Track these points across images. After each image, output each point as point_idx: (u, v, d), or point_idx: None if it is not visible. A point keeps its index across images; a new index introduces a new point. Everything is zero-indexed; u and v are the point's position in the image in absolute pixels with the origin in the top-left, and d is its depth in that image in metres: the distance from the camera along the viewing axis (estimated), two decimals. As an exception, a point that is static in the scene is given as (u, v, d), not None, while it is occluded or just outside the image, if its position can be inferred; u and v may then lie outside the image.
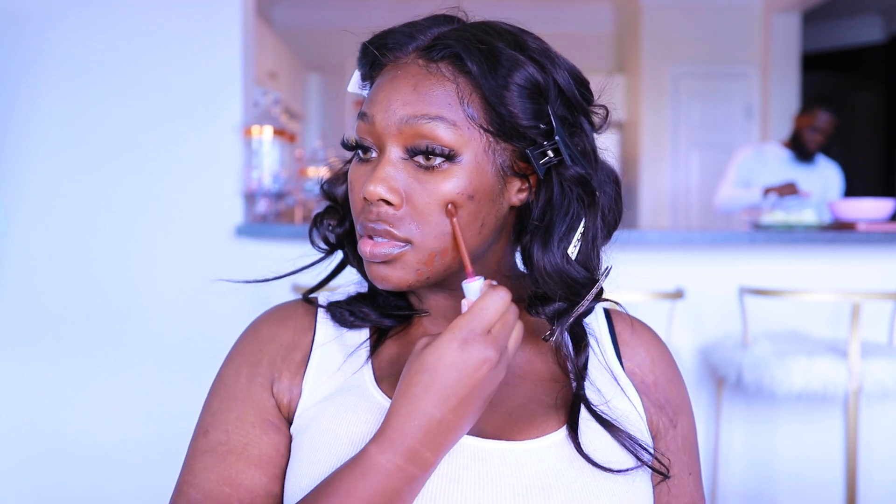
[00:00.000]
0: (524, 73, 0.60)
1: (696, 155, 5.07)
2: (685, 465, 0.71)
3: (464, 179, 0.60)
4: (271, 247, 2.22)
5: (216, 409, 0.66)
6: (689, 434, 0.71)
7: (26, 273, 2.23)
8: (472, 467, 0.59)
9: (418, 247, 0.61)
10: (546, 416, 0.64)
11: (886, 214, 2.37)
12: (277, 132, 2.26)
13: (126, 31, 2.23)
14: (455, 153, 0.60)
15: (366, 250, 0.62)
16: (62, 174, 2.23)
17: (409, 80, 0.61)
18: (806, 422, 2.34)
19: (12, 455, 2.24)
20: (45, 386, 2.23)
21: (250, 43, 2.31)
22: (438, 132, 0.59)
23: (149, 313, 2.24)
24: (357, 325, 0.69)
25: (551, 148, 0.62)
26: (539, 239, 0.63)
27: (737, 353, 2.00)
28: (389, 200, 0.60)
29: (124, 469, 2.23)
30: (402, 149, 0.61)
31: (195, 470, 0.63)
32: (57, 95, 2.22)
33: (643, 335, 0.73)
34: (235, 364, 0.68)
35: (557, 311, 0.64)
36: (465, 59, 0.60)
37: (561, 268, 0.63)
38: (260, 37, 4.09)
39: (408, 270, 0.62)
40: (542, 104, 0.61)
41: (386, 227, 0.60)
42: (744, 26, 5.02)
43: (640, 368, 0.71)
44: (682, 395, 0.72)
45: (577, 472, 0.60)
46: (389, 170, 0.60)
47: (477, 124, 0.60)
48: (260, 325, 0.71)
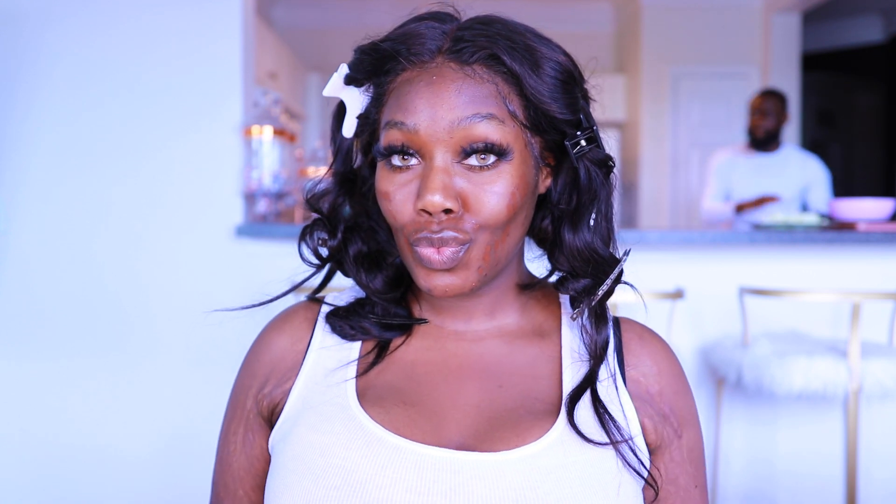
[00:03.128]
0: (555, 63, 0.62)
1: (696, 155, 5.06)
2: (691, 476, 0.69)
3: (515, 176, 0.61)
4: (271, 247, 2.22)
5: (229, 418, 0.73)
6: (695, 447, 0.70)
7: (26, 273, 2.23)
8: (444, 479, 0.59)
9: (477, 242, 0.61)
10: (530, 425, 0.63)
11: (886, 214, 2.37)
12: (277, 132, 2.26)
13: (126, 31, 2.23)
14: (507, 150, 0.60)
15: (432, 258, 0.60)
16: (62, 174, 2.23)
17: (449, 85, 0.60)
18: (806, 422, 2.34)
19: (13, 455, 2.24)
20: (45, 386, 2.23)
21: (250, 43, 2.31)
22: (490, 130, 0.60)
23: (149, 313, 2.24)
24: (358, 338, 0.69)
25: (585, 137, 0.64)
26: (568, 221, 0.66)
27: (737, 353, 2.00)
28: (451, 209, 0.59)
29: (125, 469, 2.23)
30: (452, 153, 0.60)
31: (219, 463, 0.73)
32: (57, 95, 2.22)
33: (651, 344, 0.72)
34: (240, 373, 0.74)
35: (586, 288, 0.67)
36: (504, 59, 0.60)
37: (591, 245, 0.66)
38: (260, 37, 4.09)
39: (471, 272, 0.62)
40: (575, 93, 0.63)
41: (451, 234, 0.60)
42: (744, 26, 5.01)
43: (645, 378, 0.69)
44: (688, 408, 0.70)
45: (554, 484, 0.59)
46: (444, 177, 0.59)
47: (518, 121, 0.61)
48: (263, 334, 0.74)
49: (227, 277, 2.21)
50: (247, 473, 0.70)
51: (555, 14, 5.51)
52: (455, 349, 0.68)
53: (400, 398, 0.65)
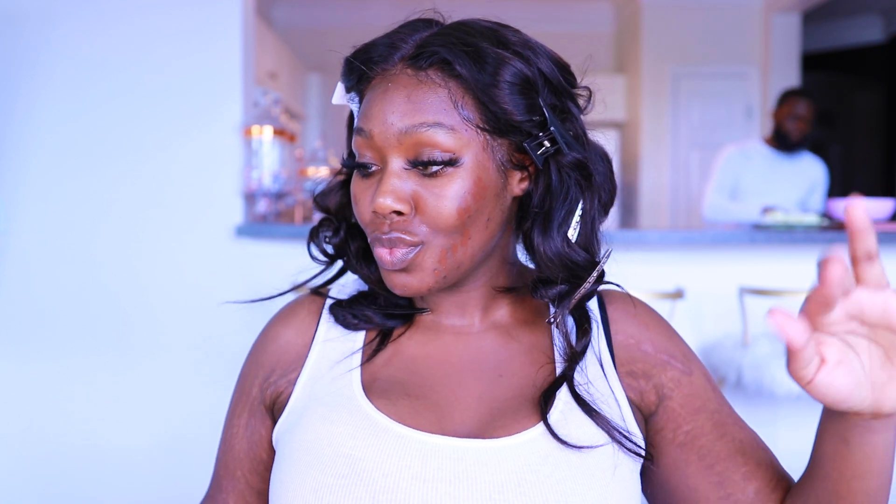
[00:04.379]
0: (511, 69, 0.61)
1: (696, 155, 5.06)
2: (721, 398, 0.70)
3: (468, 181, 0.61)
4: (271, 247, 2.22)
5: (234, 402, 0.75)
6: (708, 376, 0.71)
7: (26, 273, 2.23)
8: (447, 466, 0.61)
9: (430, 245, 0.62)
10: (527, 412, 0.64)
11: (886, 214, 2.37)
12: (277, 132, 2.26)
13: (126, 31, 2.23)
14: (456, 157, 0.61)
15: (386, 259, 0.63)
16: (62, 174, 2.23)
17: (401, 91, 0.62)
18: (806, 422, 2.33)
19: (13, 456, 2.24)
20: (46, 386, 2.23)
21: (250, 43, 2.31)
22: (438, 138, 0.60)
23: (149, 313, 2.24)
24: (360, 327, 0.71)
25: (547, 138, 0.63)
26: (539, 225, 0.65)
27: (737, 353, 2.00)
28: (400, 211, 0.61)
29: (126, 470, 2.23)
30: (403, 159, 0.62)
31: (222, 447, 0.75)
32: (57, 95, 2.22)
33: (634, 308, 0.72)
34: (246, 362, 0.75)
35: (560, 294, 0.66)
36: (454, 63, 0.61)
37: (561, 252, 0.65)
38: (260, 37, 4.09)
39: (426, 273, 0.63)
40: (534, 97, 0.62)
41: (399, 235, 0.62)
42: (744, 26, 5.01)
43: (633, 338, 0.70)
44: (685, 347, 0.71)
45: (553, 466, 0.61)
46: (395, 181, 0.62)
47: (473, 125, 0.61)
48: (269, 325, 0.76)
49: (227, 277, 2.21)
50: (246, 456, 0.72)
51: (555, 14, 5.51)
52: (454, 344, 0.70)
53: (404, 391, 0.67)
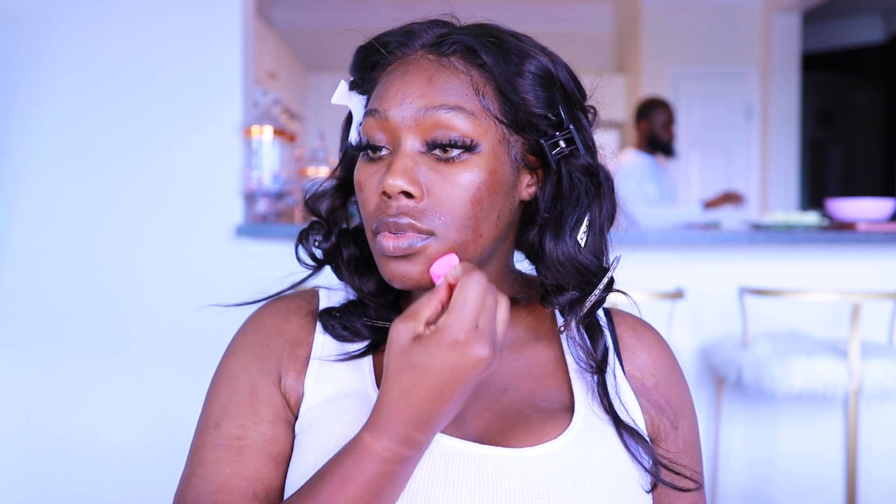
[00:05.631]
0: (536, 61, 0.62)
1: (696, 155, 5.06)
2: (694, 460, 0.70)
3: (484, 171, 0.60)
4: (271, 247, 2.22)
5: (227, 402, 0.66)
6: (690, 436, 0.71)
7: (26, 273, 2.23)
8: (469, 472, 0.59)
9: (442, 238, 0.60)
10: (543, 423, 0.63)
11: (886, 214, 2.37)
12: (277, 132, 2.26)
13: (126, 32, 2.23)
14: (474, 143, 0.60)
15: (388, 245, 0.59)
16: (62, 175, 2.23)
17: (422, 74, 0.61)
18: (806, 422, 2.34)
19: (14, 456, 2.24)
20: (46, 387, 2.23)
21: (250, 43, 2.31)
22: (457, 122, 0.59)
23: (149, 314, 2.24)
24: (350, 339, 0.68)
25: (564, 138, 0.63)
26: (551, 230, 0.64)
27: (737, 353, 2.00)
28: (411, 192, 0.59)
29: (126, 470, 2.23)
30: (419, 141, 0.60)
31: (206, 462, 0.63)
32: (57, 96, 2.22)
33: (645, 337, 0.73)
34: (243, 356, 0.68)
35: (570, 301, 0.65)
36: (479, 51, 0.60)
37: (574, 256, 0.64)
38: (260, 37, 4.09)
39: (429, 265, 0.60)
40: (554, 92, 0.62)
41: (409, 221, 0.59)
42: (744, 26, 5.01)
43: (641, 371, 0.70)
44: (683, 397, 0.71)
45: (576, 479, 0.60)
46: (408, 162, 0.59)
47: (492, 115, 0.61)
48: (264, 318, 0.71)
49: (227, 277, 2.21)
50: (285, 461, 0.66)
51: (555, 14, 5.51)
52: None
53: None
